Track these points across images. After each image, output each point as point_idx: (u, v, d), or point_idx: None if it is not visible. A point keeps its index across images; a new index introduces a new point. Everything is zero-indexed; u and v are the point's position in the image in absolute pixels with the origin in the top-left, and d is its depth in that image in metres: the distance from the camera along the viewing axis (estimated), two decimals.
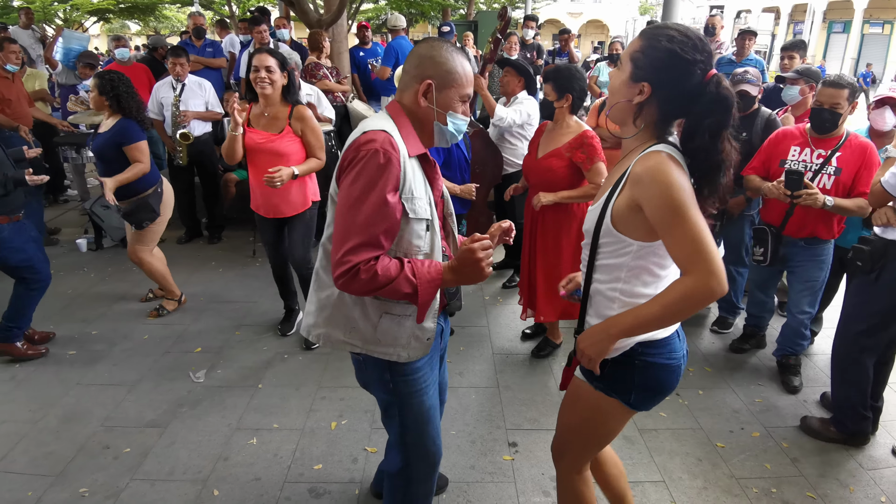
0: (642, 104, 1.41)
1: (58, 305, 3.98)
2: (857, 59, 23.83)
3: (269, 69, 3.04)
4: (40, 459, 2.56)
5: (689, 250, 1.30)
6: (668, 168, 1.34)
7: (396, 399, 1.72)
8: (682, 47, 1.34)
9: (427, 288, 1.46)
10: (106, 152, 3.42)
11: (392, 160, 1.41)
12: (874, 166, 2.72)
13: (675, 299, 1.33)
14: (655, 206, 1.34)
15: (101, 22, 19.78)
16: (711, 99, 1.34)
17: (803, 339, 3.15)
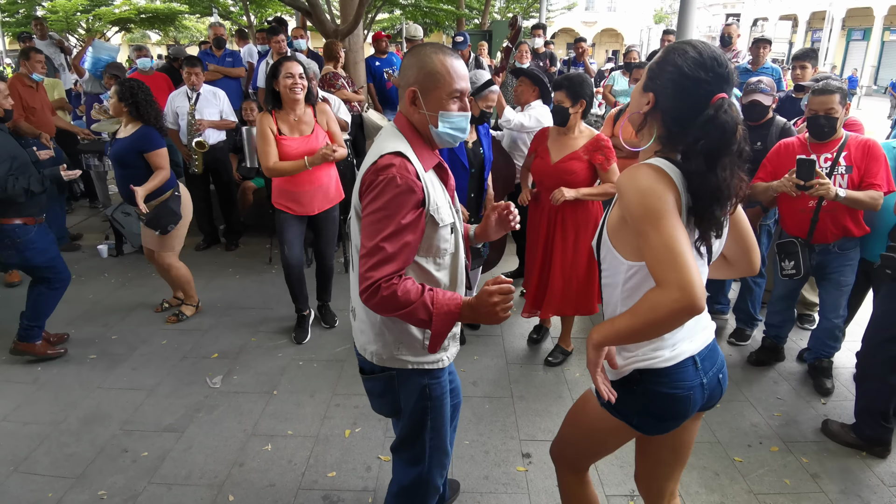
0: (647, 115, 1.41)
1: (79, 310, 4.05)
2: (877, 66, 23.55)
3: (301, 76, 3.22)
4: (62, 461, 2.61)
5: (659, 259, 1.25)
6: (646, 175, 1.32)
7: (431, 403, 1.74)
8: (689, 65, 1.32)
9: (443, 319, 1.47)
10: (125, 158, 3.49)
11: (411, 186, 1.47)
12: (880, 157, 2.74)
13: (644, 310, 1.27)
14: (631, 214, 1.32)
15: (122, 32, 20.14)
16: (707, 121, 1.29)
17: (836, 342, 3.16)
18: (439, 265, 1.64)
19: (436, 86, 1.52)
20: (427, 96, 1.54)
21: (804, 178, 2.65)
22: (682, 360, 1.47)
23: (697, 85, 1.32)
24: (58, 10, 16.23)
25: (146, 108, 3.48)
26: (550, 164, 3.12)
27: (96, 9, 16.92)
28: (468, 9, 18.18)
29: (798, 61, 4.17)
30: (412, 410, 1.75)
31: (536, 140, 3.30)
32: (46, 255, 3.28)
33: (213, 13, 16.65)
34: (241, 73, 6.58)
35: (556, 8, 25.82)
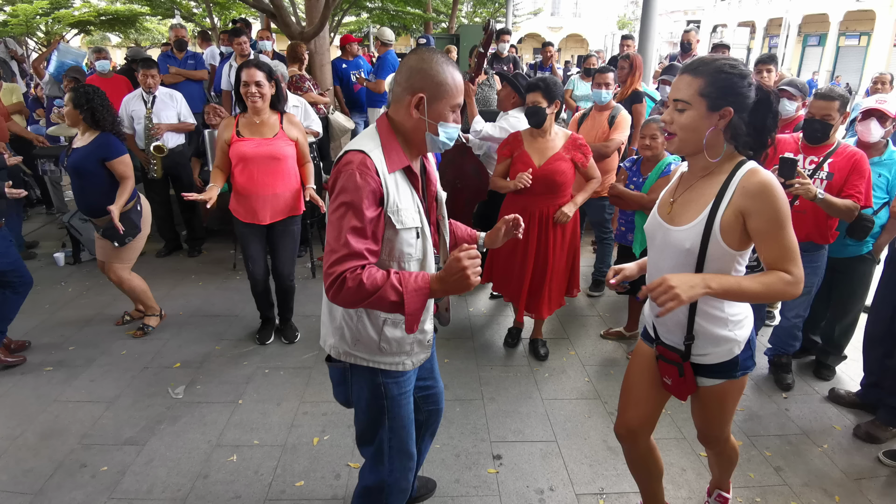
0: (727, 126, 1.59)
1: (35, 320, 3.90)
2: (832, 71, 24.39)
3: (258, 84, 3.11)
4: (19, 477, 2.51)
5: (790, 254, 1.57)
6: (778, 184, 1.56)
7: (387, 402, 1.74)
8: (741, 70, 1.57)
9: (414, 297, 1.47)
10: (84, 167, 3.35)
11: (368, 182, 1.49)
12: (864, 172, 2.81)
13: (776, 286, 1.56)
14: (767, 218, 1.55)
15: (81, 34, 19.59)
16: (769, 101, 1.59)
17: (796, 340, 3.26)
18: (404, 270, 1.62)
19: (443, 97, 1.56)
20: (432, 105, 1.55)
21: (785, 176, 2.70)
22: None
23: (750, 80, 1.57)
24: (18, 14, 15.72)
25: (102, 113, 3.35)
26: (537, 168, 3.13)
27: (55, 11, 16.44)
28: (435, 13, 18.22)
29: (763, 65, 4.29)
30: (366, 407, 1.77)
31: (509, 146, 3.27)
32: (7, 258, 3.19)
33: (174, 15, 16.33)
34: (203, 76, 6.46)
35: (523, 13, 26.06)
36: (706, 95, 1.56)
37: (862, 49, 24.25)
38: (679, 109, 1.60)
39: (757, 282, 1.57)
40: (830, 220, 2.94)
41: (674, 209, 1.71)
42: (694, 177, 1.70)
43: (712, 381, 1.82)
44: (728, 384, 1.83)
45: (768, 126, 1.60)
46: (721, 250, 1.61)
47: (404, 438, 1.81)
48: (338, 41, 8.21)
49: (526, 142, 3.20)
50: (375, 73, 6.29)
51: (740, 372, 1.81)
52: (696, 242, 1.63)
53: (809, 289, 3.12)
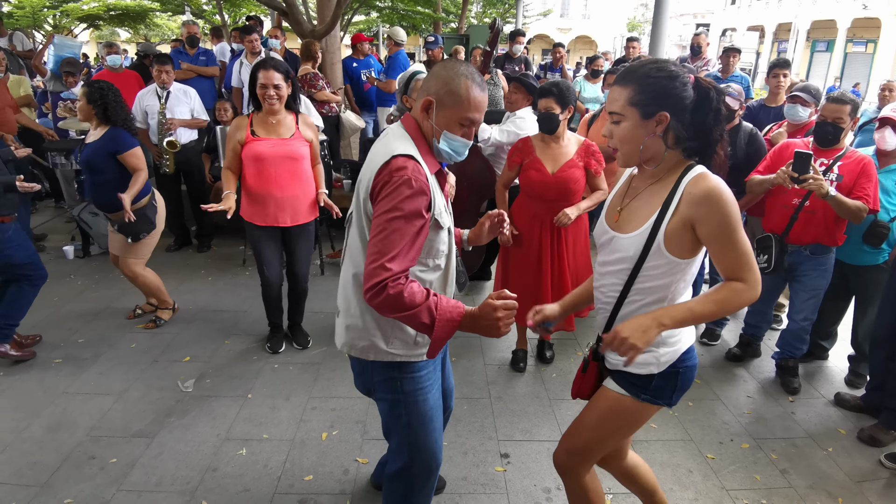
0: (665, 131, 1.52)
1: (44, 313, 3.93)
2: (840, 77, 24.31)
3: (276, 87, 3.03)
4: (24, 469, 2.52)
5: (743, 262, 1.48)
6: (725, 189, 1.48)
7: (403, 397, 1.75)
8: (669, 71, 1.49)
9: (444, 326, 1.50)
10: (97, 162, 3.38)
11: (423, 188, 1.51)
12: (872, 176, 2.84)
13: (730, 298, 1.49)
14: (716, 225, 1.47)
15: (91, 29, 19.68)
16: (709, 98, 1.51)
17: (803, 344, 3.26)
18: (433, 266, 1.67)
19: (452, 106, 1.56)
20: (440, 111, 1.57)
21: (800, 171, 2.72)
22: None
23: (684, 80, 1.49)
24: (24, 6, 15.78)
25: (115, 109, 3.37)
26: (550, 176, 3.04)
27: (64, 4, 16.51)
28: (445, 13, 18.26)
29: (779, 69, 4.31)
30: (385, 400, 1.79)
31: (520, 152, 3.16)
32: (25, 251, 3.22)
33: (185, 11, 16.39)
34: (214, 72, 6.49)
35: (532, 14, 26.07)
36: (636, 104, 1.50)
37: (868, 56, 24.19)
38: (615, 122, 1.55)
39: (709, 301, 1.50)
40: (839, 221, 2.96)
41: (622, 216, 1.64)
42: (643, 183, 1.63)
43: (615, 388, 1.71)
44: (627, 401, 1.68)
45: (709, 125, 1.51)
46: (663, 259, 1.54)
47: (423, 436, 1.79)
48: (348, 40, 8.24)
49: (538, 148, 3.11)
50: (386, 72, 6.31)
51: (646, 396, 1.65)
52: (640, 250, 1.56)
53: (818, 292, 3.13)
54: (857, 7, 22.96)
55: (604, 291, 1.70)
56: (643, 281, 1.59)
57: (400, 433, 1.80)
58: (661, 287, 1.58)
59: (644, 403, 1.68)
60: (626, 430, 1.77)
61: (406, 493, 1.87)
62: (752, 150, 3.36)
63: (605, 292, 1.69)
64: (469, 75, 1.57)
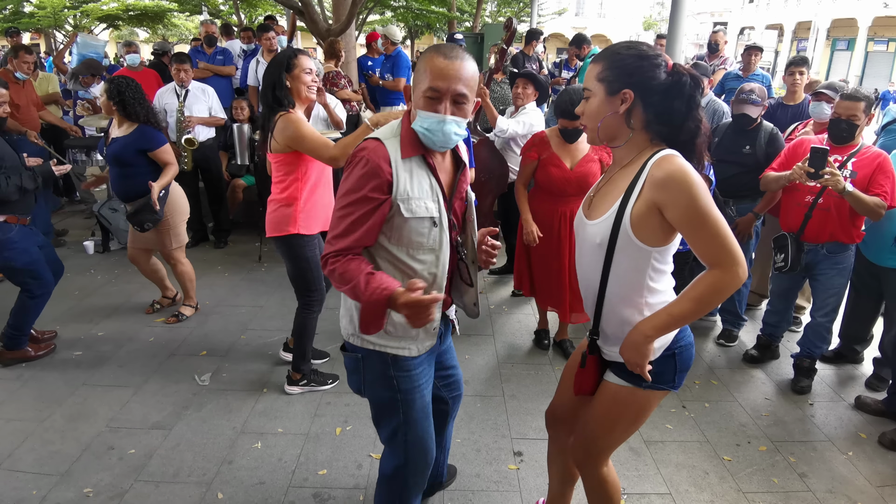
0: (629, 111, 1.49)
1: (64, 306, 3.99)
2: (860, 76, 23.93)
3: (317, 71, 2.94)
4: (45, 458, 2.56)
5: (717, 245, 1.42)
6: (690, 170, 1.43)
7: (399, 395, 1.74)
8: (640, 51, 1.48)
9: (372, 308, 1.48)
10: (124, 156, 3.43)
11: (376, 169, 1.50)
12: (890, 173, 2.80)
13: (708, 292, 1.44)
14: (683, 208, 1.41)
15: (110, 28, 19.95)
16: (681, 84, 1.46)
17: (823, 342, 3.22)
18: (417, 259, 1.62)
19: (417, 83, 1.53)
20: (414, 93, 1.55)
21: (816, 166, 2.70)
22: None
23: (658, 61, 1.47)
24: (45, 6, 16.05)
25: (133, 105, 3.41)
26: (570, 172, 3.12)
27: (84, 5, 16.76)
28: (459, 12, 18.25)
29: (796, 67, 4.27)
30: (378, 397, 1.78)
31: (536, 147, 3.19)
32: (26, 256, 3.15)
33: (202, 11, 16.55)
34: (231, 72, 6.54)
35: (547, 13, 25.97)
36: (603, 80, 1.49)
37: (890, 55, 23.78)
38: (585, 98, 1.55)
39: (686, 300, 1.47)
40: (855, 218, 2.92)
41: (592, 202, 1.62)
42: (613, 169, 1.61)
43: (618, 380, 1.68)
44: (629, 391, 1.66)
45: (678, 111, 1.46)
46: (633, 246, 1.50)
47: (419, 433, 1.79)
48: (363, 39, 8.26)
49: (554, 144, 3.16)
50: (392, 71, 6.32)
51: (646, 384, 1.62)
52: (606, 237, 1.52)
53: (837, 290, 3.09)
54: (879, 5, 22.58)
55: (584, 284, 1.68)
56: (616, 271, 1.55)
57: (397, 430, 1.78)
58: (633, 277, 1.54)
59: (648, 391, 1.66)
60: (636, 420, 1.74)
61: (401, 491, 1.87)
62: (772, 150, 3.33)
63: (586, 284, 1.67)
64: (434, 48, 1.52)
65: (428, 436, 1.83)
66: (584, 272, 1.68)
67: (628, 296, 1.57)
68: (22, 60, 5.14)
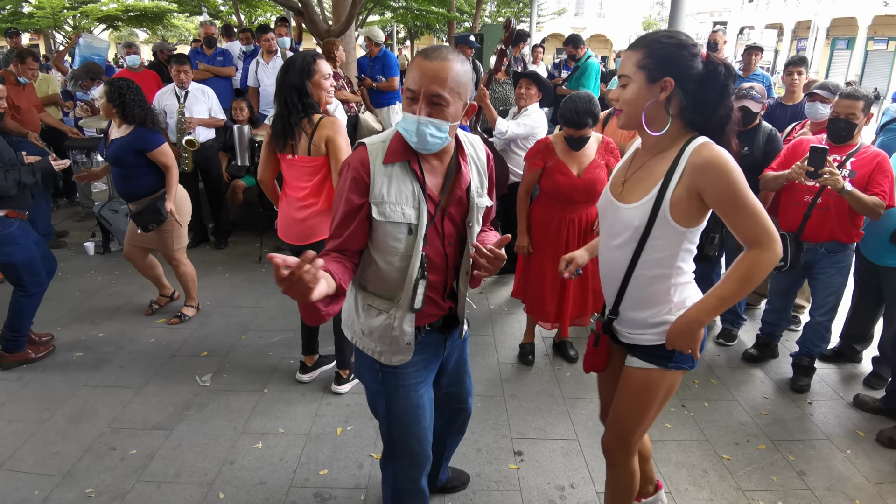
0: (669, 98, 1.55)
1: (65, 308, 4.00)
2: (860, 75, 23.92)
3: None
4: (47, 459, 2.57)
5: (756, 225, 1.51)
6: (727, 156, 1.51)
7: (383, 389, 1.75)
8: (679, 40, 1.54)
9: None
10: (124, 158, 3.45)
11: (356, 174, 1.55)
12: (888, 171, 2.81)
13: (751, 270, 1.53)
14: (722, 192, 1.51)
15: (109, 29, 19.95)
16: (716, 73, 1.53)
17: (822, 342, 3.22)
18: (390, 264, 1.61)
19: (404, 84, 1.54)
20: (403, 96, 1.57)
21: (815, 165, 2.70)
22: None
23: (696, 51, 1.54)
24: (44, 6, 16.05)
25: (132, 108, 3.42)
26: (578, 179, 3.03)
27: (83, 6, 16.76)
28: (459, 12, 18.24)
29: (794, 67, 4.27)
30: (367, 387, 1.83)
31: (541, 155, 3.10)
32: (26, 253, 3.17)
33: (202, 12, 16.56)
34: (231, 73, 6.54)
35: (546, 13, 25.97)
36: (644, 67, 1.54)
37: (890, 54, 23.76)
38: (622, 85, 1.60)
39: (732, 281, 1.55)
40: (854, 217, 2.94)
41: (625, 188, 1.69)
42: (646, 154, 1.67)
43: (642, 363, 1.74)
44: (657, 374, 1.73)
45: (711, 100, 1.54)
46: (669, 228, 1.58)
47: (404, 434, 1.77)
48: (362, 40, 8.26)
49: (559, 150, 3.07)
50: (383, 72, 6.33)
51: (674, 364, 1.71)
52: (644, 220, 1.60)
53: (836, 289, 3.10)
54: (879, 4, 22.56)
55: (610, 266, 1.72)
56: (649, 252, 1.62)
57: (381, 423, 1.83)
58: (666, 259, 1.62)
59: (674, 371, 1.73)
60: (665, 399, 1.80)
61: (393, 482, 1.88)
62: (770, 150, 3.33)
63: (612, 266, 1.72)
64: (422, 50, 1.52)
65: (414, 439, 1.78)
66: (611, 255, 1.73)
67: (658, 277, 1.65)
68: (28, 67, 5.21)
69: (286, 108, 2.66)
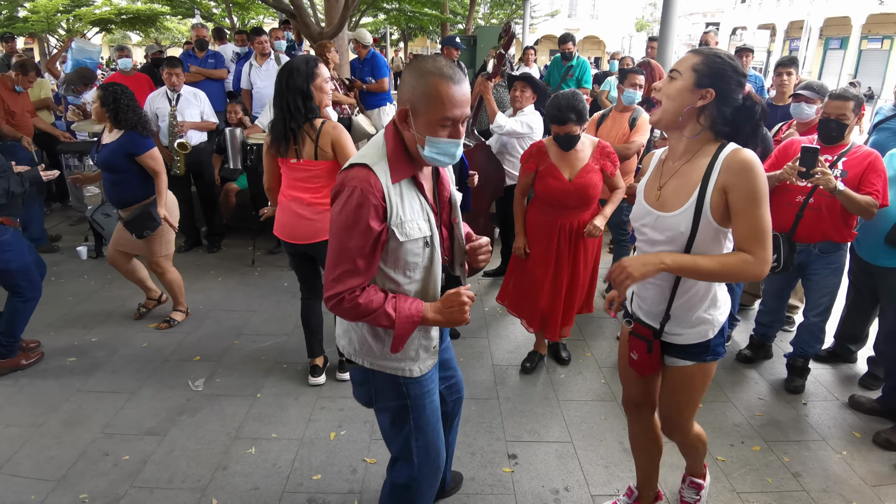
0: (704, 107, 1.66)
1: (58, 312, 3.98)
2: (854, 74, 24.02)
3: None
4: (43, 463, 2.56)
5: (757, 234, 1.60)
6: (760, 164, 1.61)
7: (410, 402, 1.74)
8: (735, 65, 1.64)
9: (404, 323, 1.55)
10: (114, 162, 3.43)
11: (368, 199, 1.46)
12: (881, 171, 2.82)
13: (734, 265, 1.61)
14: (742, 190, 1.59)
15: (102, 32, 19.89)
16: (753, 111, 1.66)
17: (816, 342, 3.23)
18: (410, 278, 1.62)
19: (428, 110, 1.45)
20: (418, 118, 1.48)
21: (807, 165, 2.70)
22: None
23: (743, 80, 1.65)
24: (39, 11, 16.00)
25: (126, 113, 3.41)
26: (569, 183, 2.99)
27: (77, 9, 16.71)
28: (452, 14, 18.26)
29: (784, 67, 4.28)
30: (388, 407, 1.76)
31: (534, 158, 3.08)
32: (21, 259, 3.17)
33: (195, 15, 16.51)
34: (223, 75, 6.53)
35: (540, 15, 26.03)
36: (697, 70, 1.64)
37: (885, 53, 23.84)
38: (672, 78, 1.68)
39: (714, 260, 1.63)
40: (846, 217, 2.94)
41: (662, 195, 1.76)
42: (678, 162, 1.75)
43: (682, 361, 1.88)
44: (696, 368, 1.88)
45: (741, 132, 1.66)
46: (713, 229, 1.67)
47: (431, 437, 1.79)
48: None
49: (552, 153, 3.04)
50: (372, 74, 6.34)
51: (710, 356, 1.86)
52: (689, 225, 1.68)
53: (830, 290, 3.11)
54: (873, 2, 22.63)
55: (655, 276, 1.72)
56: (695, 253, 1.69)
57: (409, 437, 1.77)
58: (701, 252, 1.70)
59: (711, 363, 1.88)
60: (705, 386, 1.95)
61: (414, 499, 1.85)
62: (761, 151, 3.33)
63: (658, 276, 1.73)
64: (437, 72, 1.44)
65: (439, 440, 1.83)
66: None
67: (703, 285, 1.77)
68: (29, 80, 5.25)
69: (289, 112, 2.70)
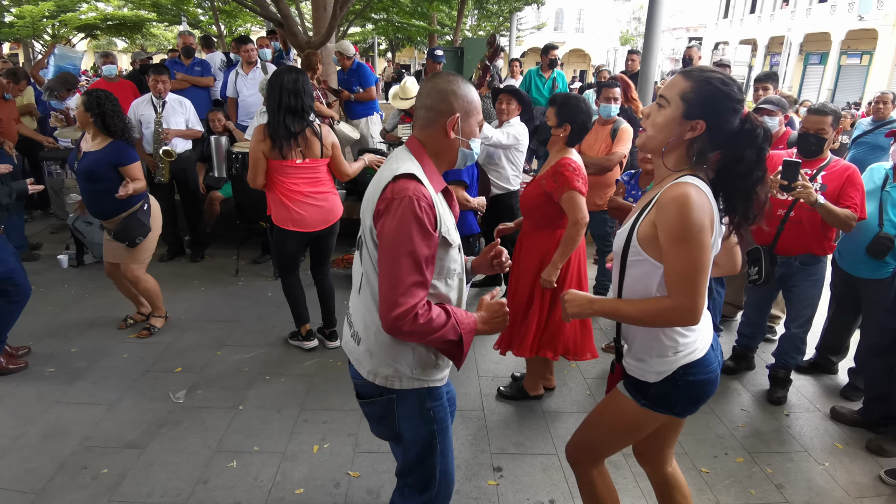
0: (693, 140, 1.53)
1: (38, 322, 3.90)
2: (833, 90, 24.50)
3: None
4: (22, 476, 2.52)
5: (679, 278, 1.47)
6: (691, 202, 1.44)
7: (435, 426, 1.70)
8: (729, 91, 1.49)
9: (469, 338, 1.60)
10: (97, 171, 3.39)
11: (427, 209, 1.48)
12: (859, 185, 2.88)
13: (651, 310, 1.53)
14: (665, 227, 1.48)
15: (88, 38, 19.74)
16: (754, 134, 1.49)
17: (797, 353, 3.26)
18: (449, 286, 1.66)
19: (473, 115, 1.64)
20: (465, 122, 1.62)
21: (789, 179, 2.74)
22: (708, 348, 1.68)
23: (740, 106, 1.50)
24: (24, 16, 15.86)
25: (113, 119, 3.38)
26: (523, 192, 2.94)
27: (62, 14, 16.58)
28: (440, 25, 18.37)
29: (760, 83, 4.34)
30: (418, 436, 1.70)
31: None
32: (6, 264, 3.15)
33: (181, 22, 16.46)
34: (209, 83, 6.49)
35: (526, 28, 26.28)
36: (686, 99, 1.51)
37: (863, 68, 24.38)
38: (659, 105, 1.56)
39: (634, 306, 1.56)
40: (826, 230, 2.99)
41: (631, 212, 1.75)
42: (655, 181, 1.68)
43: (623, 389, 1.75)
44: (628, 402, 1.71)
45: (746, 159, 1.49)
46: (641, 257, 1.56)
47: (450, 463, 1.79)
48: None
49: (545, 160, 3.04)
50: (360, 84, 6.36)
51: (644, 402, 1.68)
52: (621, 246, 1.64)
53: (811, 301, 3.15)
54: (853, 19, 23.15)
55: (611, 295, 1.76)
56: (629, 282, 1.63)
57: (434, 464, 1.73)
58: (642, 289, 1.60)
59: (645, 409, 1.69)
60: (629, 434, 1.80)
61: None
62: None
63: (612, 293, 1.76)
64: (469, 83, 1.66)
65: (453, 463, 1.83)
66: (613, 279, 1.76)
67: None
68: (19, 88, 5.26)
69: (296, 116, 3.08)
